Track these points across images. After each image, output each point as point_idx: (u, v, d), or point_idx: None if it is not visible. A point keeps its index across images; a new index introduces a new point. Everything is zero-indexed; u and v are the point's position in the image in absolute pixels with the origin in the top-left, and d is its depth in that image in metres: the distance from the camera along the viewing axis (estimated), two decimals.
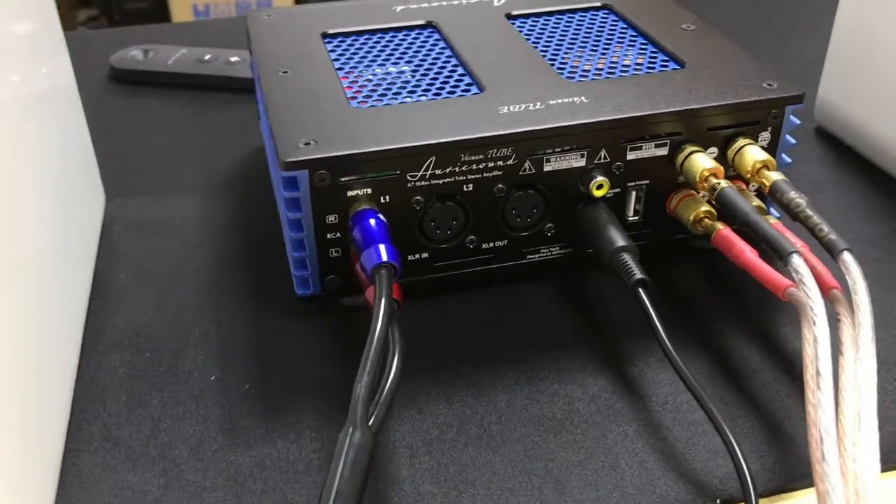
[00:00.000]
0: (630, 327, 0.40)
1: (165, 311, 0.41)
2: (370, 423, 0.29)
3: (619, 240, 0.38)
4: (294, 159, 0.36)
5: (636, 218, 0.42)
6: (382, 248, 0.35)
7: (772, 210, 0.43)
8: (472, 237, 0.40)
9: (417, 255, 0.40)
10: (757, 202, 0.40)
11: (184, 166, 0.52)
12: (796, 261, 0.34)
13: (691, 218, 0.40)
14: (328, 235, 0.38)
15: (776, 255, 0.35)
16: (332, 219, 0.37)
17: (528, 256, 0.41)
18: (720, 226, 0.39)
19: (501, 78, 0.42)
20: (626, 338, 0.39)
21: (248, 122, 0.57)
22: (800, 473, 0.33)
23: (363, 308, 0.40)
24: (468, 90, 0.41)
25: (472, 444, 0.34)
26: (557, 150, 0.39)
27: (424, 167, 0.37)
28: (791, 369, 0.37)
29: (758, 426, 0.35)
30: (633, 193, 0.41)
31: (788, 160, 0.43)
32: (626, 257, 0.37)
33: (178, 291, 0.42)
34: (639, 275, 0.36)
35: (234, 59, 0.62)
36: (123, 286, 0.43)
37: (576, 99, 0.40)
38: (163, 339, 0.39)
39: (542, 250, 0.41)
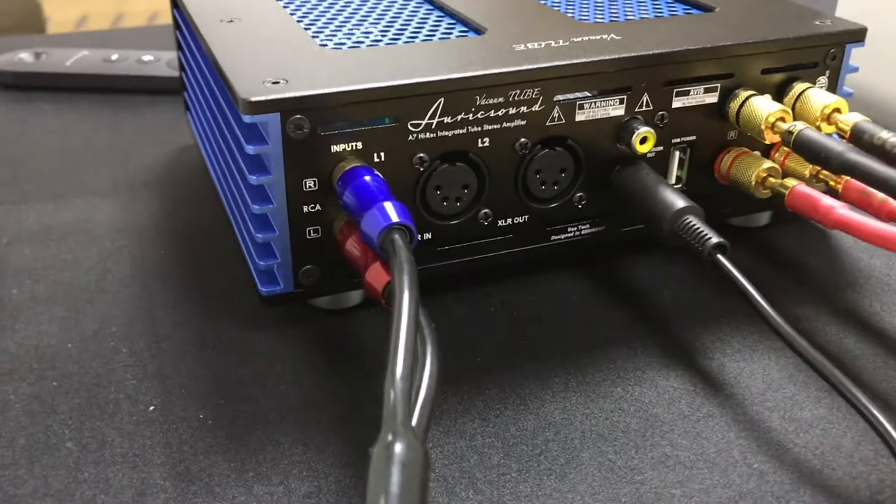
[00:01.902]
0: (693, 314, 0.31)
1: (77, 329, 0.30)
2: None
3: (679, 201, 0.30)
4: (260, 98, 0.26)
5: (679, 186, 0.34)
6: (389, 205, 0.25)
7: None
8: (486, 210, 0.31)
9: (418, 237, 0.31)
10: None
11: (93, 171, 0.42)
12: None
13: (753, 179, 0.32)
14: (305, 208, 0.28)
15: (894, 195, 0.27)
16: (310, 184, 0.28)
17: (554, 237, 0.33)
18: (792, 182, 0.31)
19: (503, 20, 0.34)
20: (691, 326, 0.31)
21: (171, 122, 0.47)
22: None
23: (351, 310, 0.31)
24: (464, 35, 0.33)
25: (527, 469, 0.25)
26: (592, 94, 0.30)
27: (430, 113, 0.29)
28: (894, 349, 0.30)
29: (889, 417, 0.26)
30: (677, 154, 0.33)
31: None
32: (693, 220, 0.29)
33: (94, 305, 0.32)
34: (715, 238, 0.28)
35: (146, 57, 0.52)
36: (16, 304, 0.32)
37: (604, 36, 0.32)
38: (76, 363, 0.29)
39: (569, 229, 0.33)
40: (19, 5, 1.77)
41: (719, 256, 0.28)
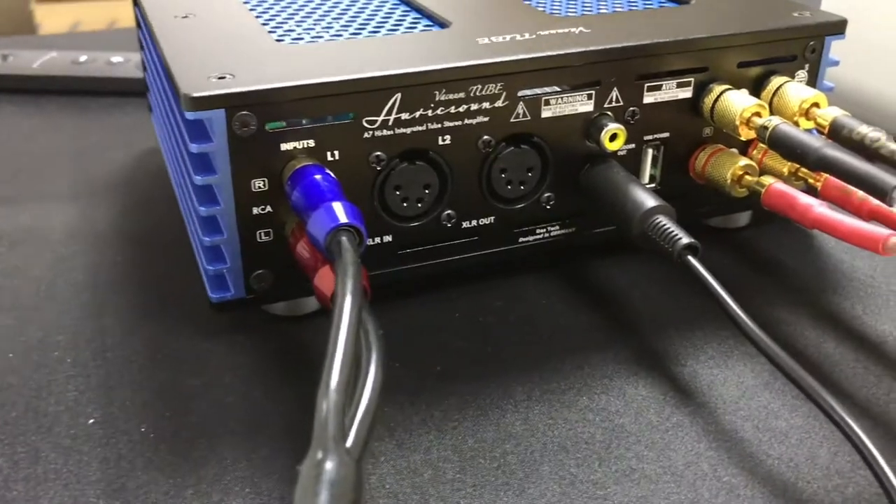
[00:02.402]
0: (666, 319, 0.30)
1: (21, 338, 0.29)
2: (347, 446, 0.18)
3: (650, 200, 0.28)
4: (203, 94, 0.25)
5: (652, 185, 0.33)
6: (338, 206, 0.24)
7: None
8: (449, 212, 0.30)
9: (377, 239, 0.29)
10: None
11: (53, 174, 0.40)
12: None
13: (728, 177, 0.31)
14: (255, 210, 0.27)
15: (874, 192, 0.26)
16: (259, 185, 0.27)
17: (522, 240, 0.31)
18: (769, 180, 0.30)
19: (469, 14, 0.33)
20: (663, 332, 0.29)
21: (137, 124, 0.46)
22: None
23: (308, 317, 0.30)
24: (428, 28, 0.32)
25: (483, 484, 0.23)
26: (559, 88, 0.29)
27: (387, 108, 0.27)
28: (883, 356, 0.28)
29: (868, 428, 0.25)
30: (650, 152, 0.32)
31: None
32: (663, 220, 0.28)
33: (42, 313, 0.30)
34: (685, 239, 0.27)
35: (116, 59, 0.51)
36: None
37: (573, 29, 0.31)
38: (16, 373, 0.27)
39: (538, 231, 0.32)
40: (11, 12, 1.76)
41: (690, 257, 0.27)
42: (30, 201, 0.38)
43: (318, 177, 0.26)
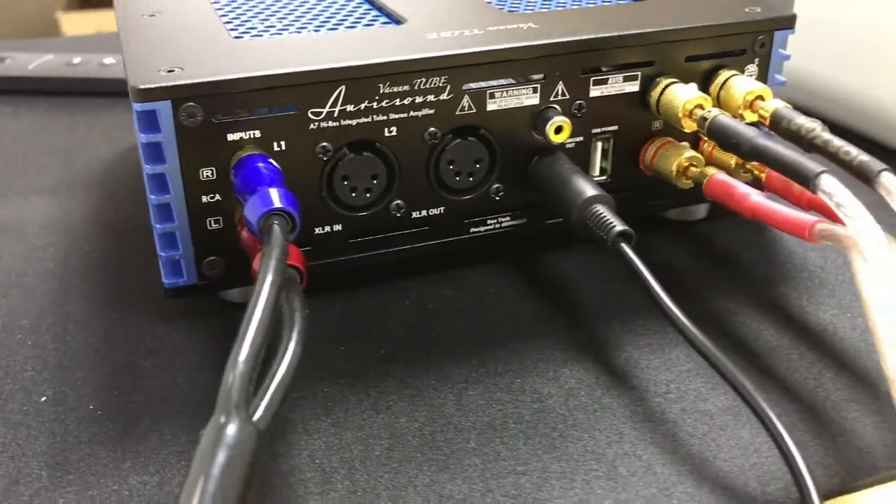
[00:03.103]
0: (611, 308, 0.31)
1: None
2: (255, 418, 0.19)
3: (590, 189, 0.29)
4: (151, 86, 0.26)
5: (603, 178, 0.33)
6: (273, 191, 0.25)
7: None
8: (398, 202, 0.31)
9: (327, 228, 0.30)
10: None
11: (38, 170, 0.42)
12: (827, 182, 0.25)
13: (674, 168, 0.32)
14: (204, 198, 0.28)
15: (799, 180, 0.26)
16: (207, 174, 0.28)
17: (473, 230, 0.32)
18: (712, 171, 0.31)
19: (426, 11, 0.34)
20: (606, 320, 0.30)
21: (123, 123, 0.47)
22: (861, 467, 0.24)
23: None
24: (386, 24, 0.33)
25: (409, 460, 0.24)
26: (503, 82, 0.30)
27: (332, 101, 0.28)
28: (819, 343, 0.29)
29: (794, 411, 0.26)
30: (599, 145, 0.33)
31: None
32: (601, 209, 0.28)
33: (9, 300, 0.32)
34: (619, 226, 0.28)
35: (108, 60, 0.53)
36: None
37: (521, 25, 0.32)
38: None
39: (489, 221, 0.32)
40: (38, 21, 1.80)
41: (623, 245, 0.27)
42: (13, 196, 0.39)
43: (261, 165, 0.27)
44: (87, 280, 0.33)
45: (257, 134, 0.28)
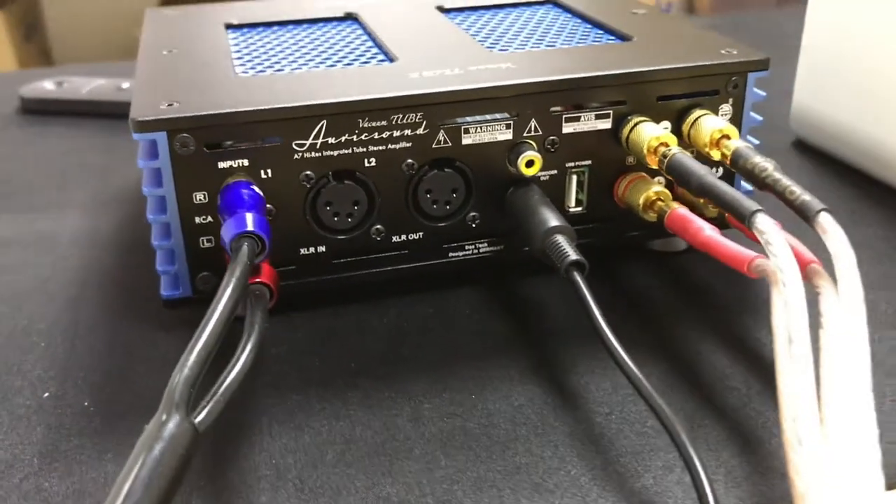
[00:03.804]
0: (575, 333, 0.32)
1: (9, 324, 0.34)
2: (198, 419, 0.22)
3: (552, 220, 0.31)
4: (148, 118, 0.29)
5: (579, 209, 0.35)
6: (249, 216, 0.28)
7: None
8: (378, 227, 0.33)
9: (311, 249, 0.33)
10: (660, 189, 0.34)
11: (77, 187, 0.46)
12: (761, 220, 0.27)
13: (641, 202, 0.33)
14: (197, 219, 0.31)
15: (738, 218, 0.28)
16: (200, 198, 0.31)
17: (451, 254, 0.34)
18: (674, 205, 0.32)
19: (418, 50, 0.36)
20: (568, 345, 0.32)
21: None
22: (779, 492, 0.25)
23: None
24: (381, 62, 0.35)
25: (356, 464, 0.26)
26: (477, 118, 0.32)
27: (314, 134, 0.31)
28: (767, 374, 0.30)
29: (725, 436, 0.27)
30: (574, 177, 0.34)
31: (755, 141, 0.36)
32: (560, 238, 0.30)
33: (31, 305, 0.35)
34: (573, 256, 0.29)
35: None
36: None
37: (501, 65, 0.34)
38: None
39: (466, 247, 0.34)
40: (119, 40, 1.90)
41: (575, 273, 0.29)
42: (51, 209, 0.43)
43: (244, 191, 0.30)
44: (102, 290, 0.36)
45: (245, 162, 0.31)
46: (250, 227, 0.27)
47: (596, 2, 0.44)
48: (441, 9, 0.44)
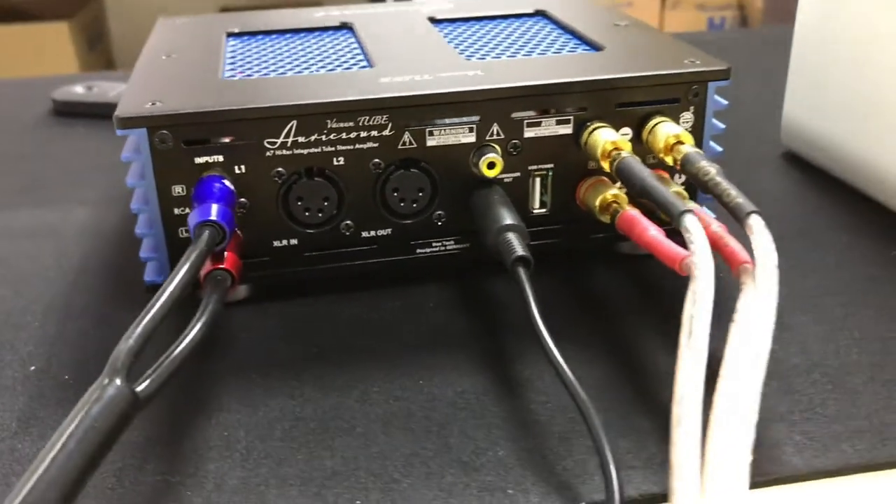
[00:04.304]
0: (529, 330, 0.33)
1: (10, 305, 0.37)
2: (141, 387, 0.24)
3: (507, 218, 0.33)
4: (130, 115, 0.32)
5: (543, 210, 0.37)
6: (214, 206, 0.30)
7: (706, 210, 0.37)
8: (347, 222, 0.35)
9: (285, 242, 0.35)
10: (678, 189, 0.35)
11: (91, 184, 0.49)
12: (688, 219, 0.28)
13: (597, 203, 0.35)
14: (175, 210, 0.33)
15: (670, 217, 0.29)
16: (178, 190, 0.33)
17: (419, 251, 0.36)
18: (627, 207, 0.34)
19: (398, 58, 0.38)
20: (521, 339, 0.33)
21: None
22: None
23: (237, 304, 0.36)
24: (363, 68, 0.38)
25: (301, 439, 0.28)
26: (441, 122, 0.34)
27: (285, 133, 0.33)
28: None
29: (652, 428, 0.28)
30: (538, 180, 0.36)
31: (718, 148, 0.37)
32: (511, 236, 0.32)
33: (32, 288, 0.38)
34: (519, 252, 0.31)
35: None
36: None
37: (469, 72, 0.36)
38: None
39: (434, 244, 0.36)
40: None
41: (520, 269, 0.31)
42: (64, 203, 0.46)
43: (216, 185, 0.32)
44: (98, 277, 0.39)
45: (220, 158, 0.33)
46: (213, 217, 0.30)
47: (584, 14, 0.45)
48: (433, 20, 0.46)
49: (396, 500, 0.26)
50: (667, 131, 0.34)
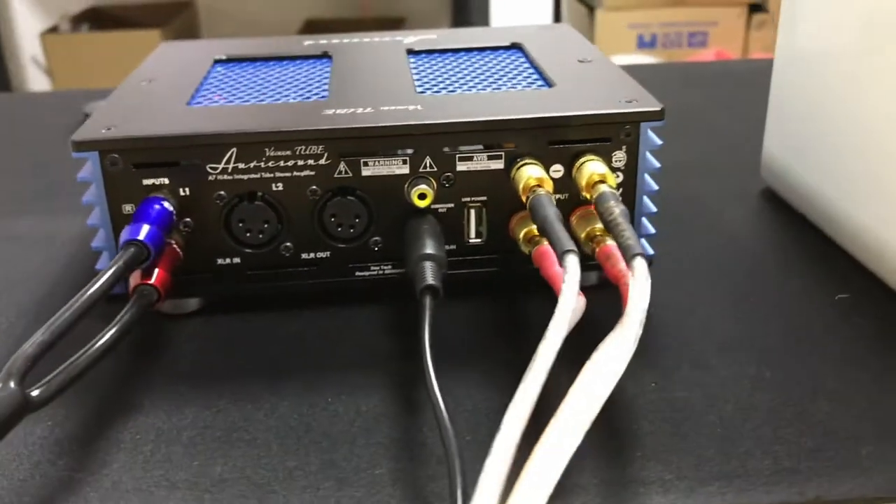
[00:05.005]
0: (457, 354, 0.35)
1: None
2: (37, 392, 0.27)
3: (427, 248, 0.34)
4: (83, 139, 0.35)
5: (479, 241, 0.38)
6: (145, 227, 0.33)
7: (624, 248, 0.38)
8: (287, 244, 0.37)
9: (228, 260, 0.37)
10: (598, 227, 0.36)
11: None
12: (567, 260, 0.29)
13: (521, 235, 0.36)
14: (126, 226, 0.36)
15: (557, 255, 0.30)
16: (128, 209, 0.36)
17: (358, 273, 0.38)
18: (544, 242, 0.35)
19: (354, 91, 0.40)
20: (445, 363, 0.34)
21: None
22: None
23: (191, 315, 0.38)
24: (319, 99, 0.40)
25: (202, 445, 0.31)
26: (375, 153, 0.36)
27: (226, 159, 0.36)
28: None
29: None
30: (472, 212, 0.38)
31: (654, 186, 0.38)
32: (427, 265, 0.34)
33: (14, 288, 0.41)
34: (430, 281, 0.33)
35: None
36: None
37: (410, 107, 0.37)
38: None
39: (372, 268, 0.38)
40: None
41: (426, 296, 0.32)
42: (66, 212, 0.50)
43: (156, 206, 0.35)
44: (76, 281, 0.42)
45: (166, 181, 0.36)
46: (140, 237, 0.32)
47: (558, 48, 0.47)
48: (410, 51, 0.48)
49: None
50: (591, 170, 0.35)
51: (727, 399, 0.32)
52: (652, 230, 0.39)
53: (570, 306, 0.27)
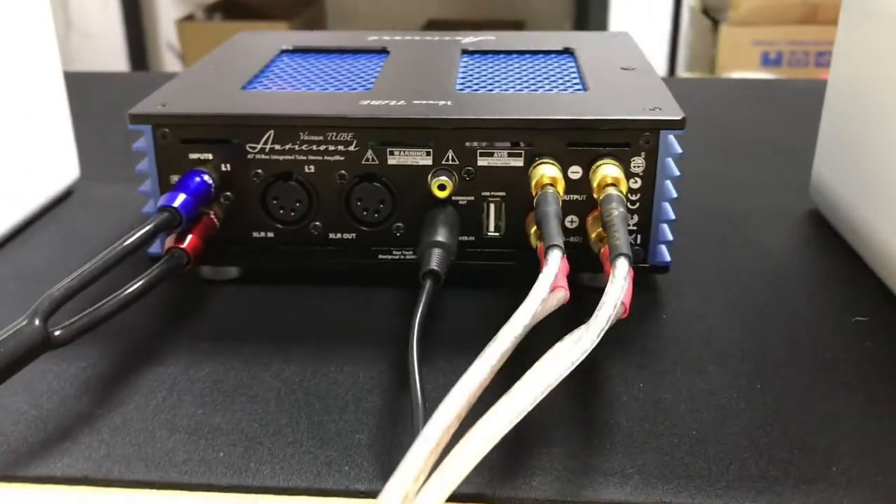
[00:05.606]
0: (459, 340, 0.37)
1: (51, 265, 0.44)
2: (59, 331, 0.30)
3: (439, 235, 0.36)
4: (139, 112, 0.38)
5: (497, 234, 0.40)
6: (181, 195, 0.36)
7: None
8: (316, 223, 0.40)
9: (262, 234, 0.40)
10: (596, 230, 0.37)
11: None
12: (550, 254, 0.30)
13: (532, 231, 0.37)
14: None
15: (545, 247, 0.32)
16: (174, 179, 0.39)
17: (381, 256, 0.40)
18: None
19: (397, 84, 0.42)
20: (445, 347, 0.37)
21: None
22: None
23: (229, 282, 0.41)
24: (361, 90, 0.42)
25: (209, 397, 0.33)
26: (401, 143, 0.38)
27: (264, 140, 0.38)
28: (589, 384, 0.33)
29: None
30: (492, 206, 0.39)
31: (674, 194, 0.39)
32: (435, 252, 0.36)
33: (78, 253, 0.46)
34: (432, 266, 0.35)
35: None
36: (40, 241, 0.47)
37: (441, 102, 0.39)
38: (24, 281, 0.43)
39: (394, 252, 0.40)
40: None
41: (428, 280, 0.34)
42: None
43: (197, 178, 0.38)
44: None
45: (210, 156, 0.39)
46: (174, 204, 0.35)
47: (606, 55, 0.48)
48: (465, 51, 0.50)
49: (251, 457, 0.30)
50: (605, 173, 0.36)
51: (711, 405, 0.33)
52: (670, 237, 0.39)
53: (539, 296, 0.28)
